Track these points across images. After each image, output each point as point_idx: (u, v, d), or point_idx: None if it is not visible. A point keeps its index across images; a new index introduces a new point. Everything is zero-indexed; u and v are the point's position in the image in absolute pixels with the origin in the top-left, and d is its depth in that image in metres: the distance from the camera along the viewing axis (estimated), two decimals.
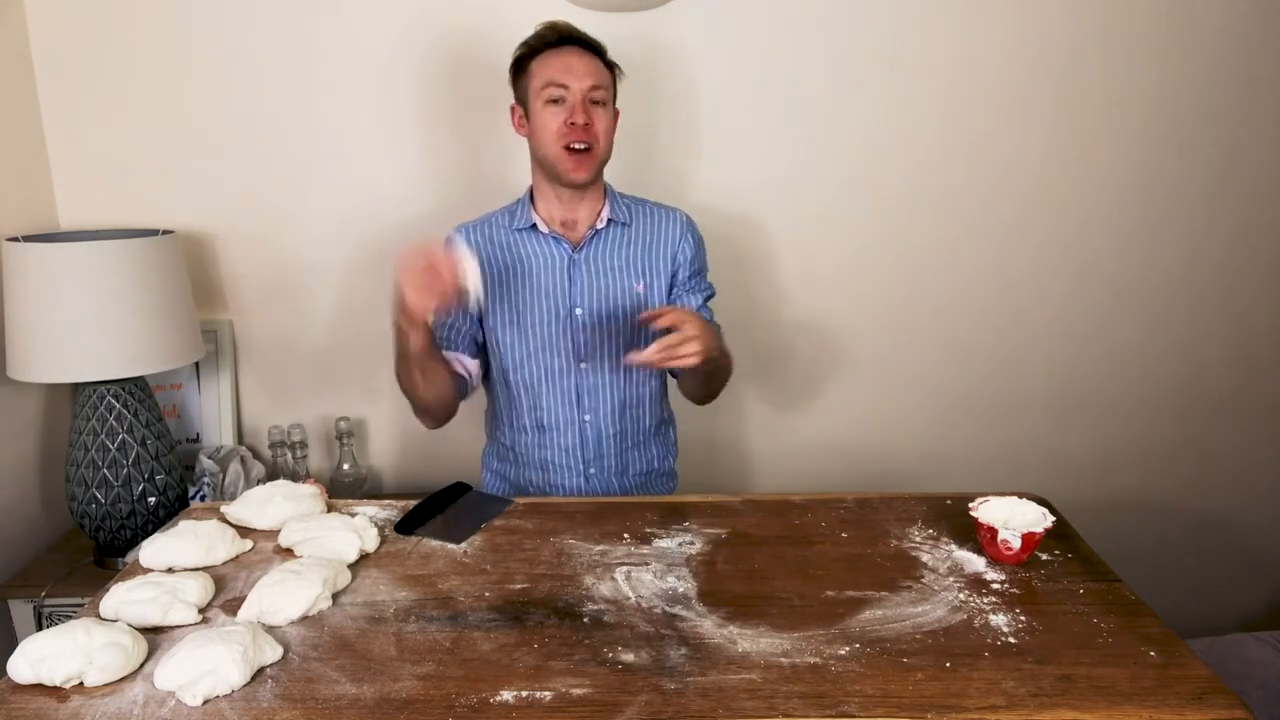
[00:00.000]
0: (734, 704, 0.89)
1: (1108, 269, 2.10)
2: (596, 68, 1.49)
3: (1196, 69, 1.98)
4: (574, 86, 1.46)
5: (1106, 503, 2.23)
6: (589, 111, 1.47)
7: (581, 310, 1.57)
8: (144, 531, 1.75)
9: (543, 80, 1.47)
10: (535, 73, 1.49)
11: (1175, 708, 0.89)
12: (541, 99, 1.47)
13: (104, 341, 1.64)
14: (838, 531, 1.28)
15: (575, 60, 1.47)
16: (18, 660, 0.92)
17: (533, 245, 1.58)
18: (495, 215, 1.63)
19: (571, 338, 1.57)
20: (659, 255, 1.61)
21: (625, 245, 1.59)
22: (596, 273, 1.57)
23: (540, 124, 1.49)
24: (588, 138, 1.47)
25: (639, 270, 1.59)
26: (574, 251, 1.57)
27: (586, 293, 1.57)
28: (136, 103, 1.91)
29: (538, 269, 1.57)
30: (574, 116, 1.46)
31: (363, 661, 0.96)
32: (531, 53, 1.50)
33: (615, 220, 1.59)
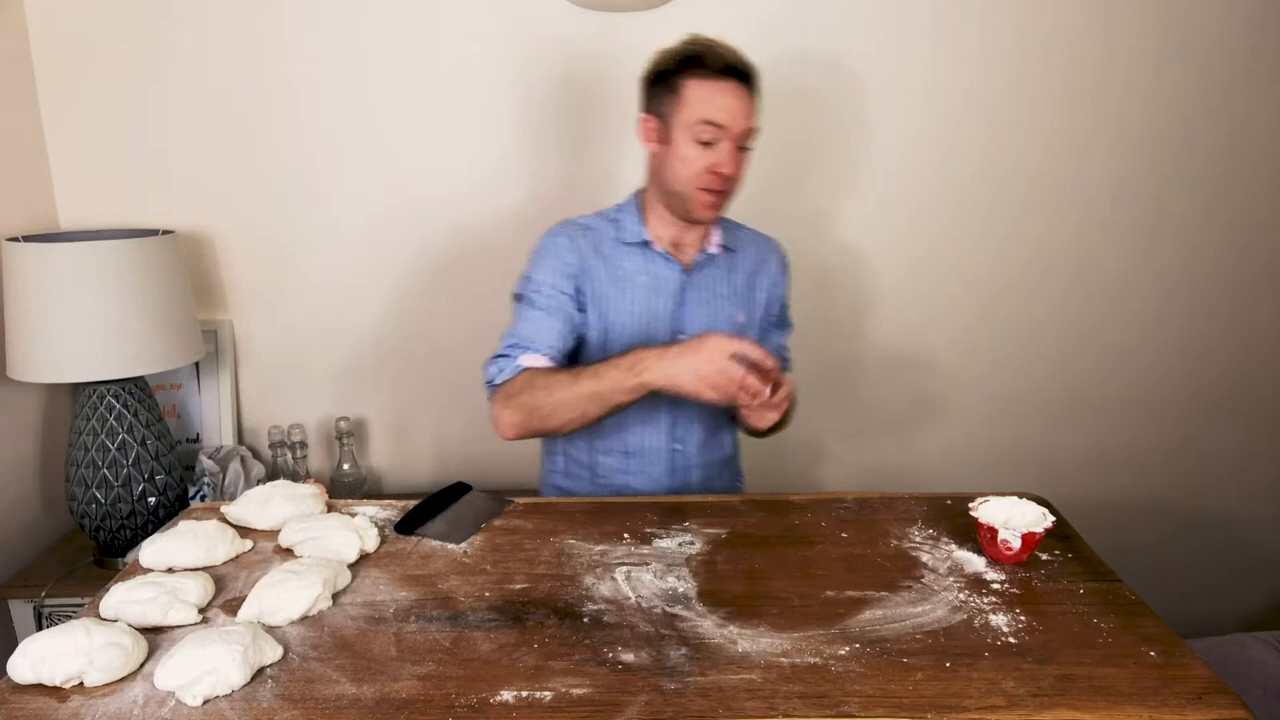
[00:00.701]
0: (734, 704, 0.89)
1: (1107, 268, 2.10)
2: (755, 106, 1.39)
3: (1196, 68, 1.98)
4: (731, 129, 1.36)
5: (1106, 503, 2.23)
6: (737, 159, 1.39)
7: (685, 337, 1.45)
8: (144, 531, 1.75)
9: (698, 115, 1.36)
10: (689, 100, 1.36)
11: (1175, 708, 0.88)
12: (691, 133, 1.37)
13: (104, 341, 1.64)
14: (838, 531, 1.27)
15: (738, 102, 1.36)
16: (18, 660, 0.92)
17: (640, 262, 1.48)
18: (595, 222, 1.51)
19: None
20: (758, 286, 1.56)
21: (730, 272, 1.53)
22: (705, 299, 1.50)
23: (681, 157, 1.38)
24: (727, 186, 1.40)
25: (742, 300, 1.53)
26: (685, 274, 1.49)
27: (693, 318, 1.49)
28: (136, 103, 1.91)
29: (645, 288, 1.48)
30: (723, 165, 1.37)
31: (363, 661, 0.96)
32: (685, 71, 1.37)
33: (727, 246, 1.52)
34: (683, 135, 1.38)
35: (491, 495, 1.38)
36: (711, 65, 1.36)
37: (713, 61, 1.36)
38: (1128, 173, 2.04)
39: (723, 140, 1.37)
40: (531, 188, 2.01)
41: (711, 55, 1.36)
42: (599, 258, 1.48)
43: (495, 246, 2.03)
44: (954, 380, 2.17)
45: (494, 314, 2.07)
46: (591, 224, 1.51)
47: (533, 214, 2.02)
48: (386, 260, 2.04)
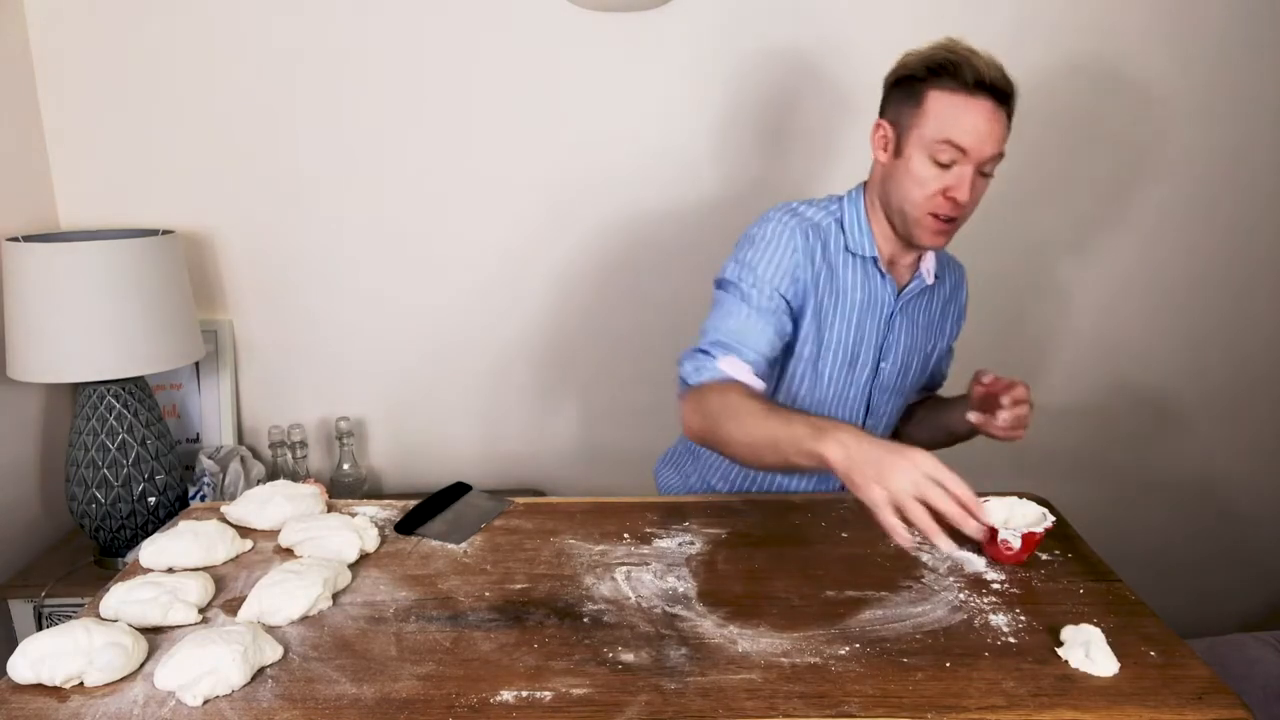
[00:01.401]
0: (734, 704, 0.89)
1: (1107, 267, 2.10)
2: (1003, 133, 1.23)
3: (1196, 68, 1.98)
4: (974, 153, 1.21)
5: (1106, 503, 2.23)
6: (975, 185, 1.25)
7: (886, 365, 1.39)
8: (144, 531, 1.75)
9: (940, 133, 1.22)
10: (932, 113, 1.22)
11: (1175, 708, 0.88)
12: (929, 151, 1.23)
13: (104, 341, 1.64)
14: (838, 531, 1.27)
15: (987, 124, 1.20)
16: (18, 660, 0.92)
17: (860, 277, 1.34)
18: (822, 219, 1.35)
19: (869, 391, 1.41)
20: (949, 315, 1.47)
21: (930, 301, 1.43)
22: (909, 328, 1.40)
23: (913, 176, 1.25)
24: (959, 213, 1.26)
25: (937, 330, 1.45)
26: (897, 298, 1.37)
27: (896, 347, 1.40)
28: (136, 103, 1.91)
29: (860, 306, 1.35)
30: (959, 191, 1.23)
31: (363, 661, 0.96)
32: (931, 80, 1.23)
33: (939, 276, 1.42)
34: (918, 152, 1.24)
35: (491, 495, 1.38)
36: (963, 78, 1.20)
37: (966, 74, 1.20)
38: (1127, 170, 2.04)
39: (963, 164, 1.22)
40: (531, 187, 2.01)
41: (966, 67, 1.20)
42: (825, 262, 1.33)
43: (496, 246, 2.03)
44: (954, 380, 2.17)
45: (495, 312, 2.08)
46: (819, 221, 1.35)
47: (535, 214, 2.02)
48: (386, 259, 2.04)
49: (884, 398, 1.45)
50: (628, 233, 2.03)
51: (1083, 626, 0.99)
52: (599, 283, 2.06)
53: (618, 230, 2.03)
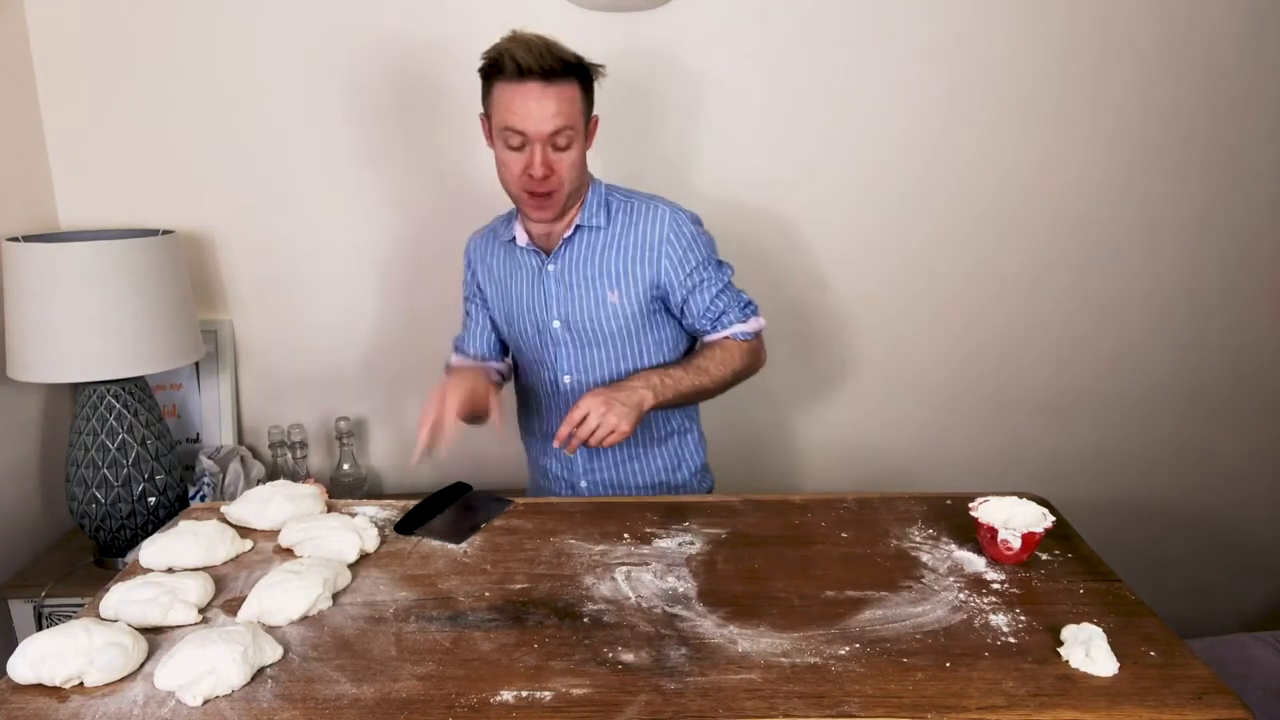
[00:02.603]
0: (734, 704, 0.89)
1: (1106, 268, 2.10)
2: (560, 105, 1.34)
3: (1196, 68, 1.98)
4: (533, 134, 1.34)
5: (1106, 503, 2.23)
6: (549, 159, 1.36)
7: (559, 323, 1.52)
8: (144, 531, 1.75)
9: (502, 122, 1.35)
10: (496, 104, 1.36)
11: (1175, 708, 0.89)
12: (502, 138, 1.37)
13: (104, 341, 1.64)
14: (838, 531, 1.27)
15: (536, 104, 1.32)
16: (18, 660, 0.92)
17: (515, 259, 1.55)
18: (496, 224, 1.62)
19: (552, 352, 1.54)
20: (635, 260, 1.48)
21: (599, 251, 1.49)
22: (570, 284, 1.50)
23: (500, 161, 1.40)
24: (549, 186, 1.39)
25: (612, 278, 1.48)
26: (544, 263, 1.51)
27: (561, 305, 1.51)
28: (137, 103, 1.91)
29: (520, 282, 1.55)
30: (531, 168, 1.36)
31: (363, 661, 0.96)
32: (493, 75, 1.36)
33: (585, 225, 1.48)
34: (498, 140, 1.39)
35: (492, 495, 1.38)
36: (507, 70, 1.33)
37: (507, 65, 1.32)
38: (1128, 173, 2.04)
39: (530, 144, 1.35)
40: None
41: (507, 58, 1.32)
42: (492, 258, 1.59)
43: None
44: (954, 380, 2.17)
45: None
46: (494, 226, 1.61)
47: None
48: (386, 259, 2.04)
49: (576, 352, 1.53)
50: None
51: (1083, 625, 0.99)
52: None
53: None
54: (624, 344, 1.53)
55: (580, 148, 1.41)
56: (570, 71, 1.35)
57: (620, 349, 1.53)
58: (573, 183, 1.42)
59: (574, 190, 1.44)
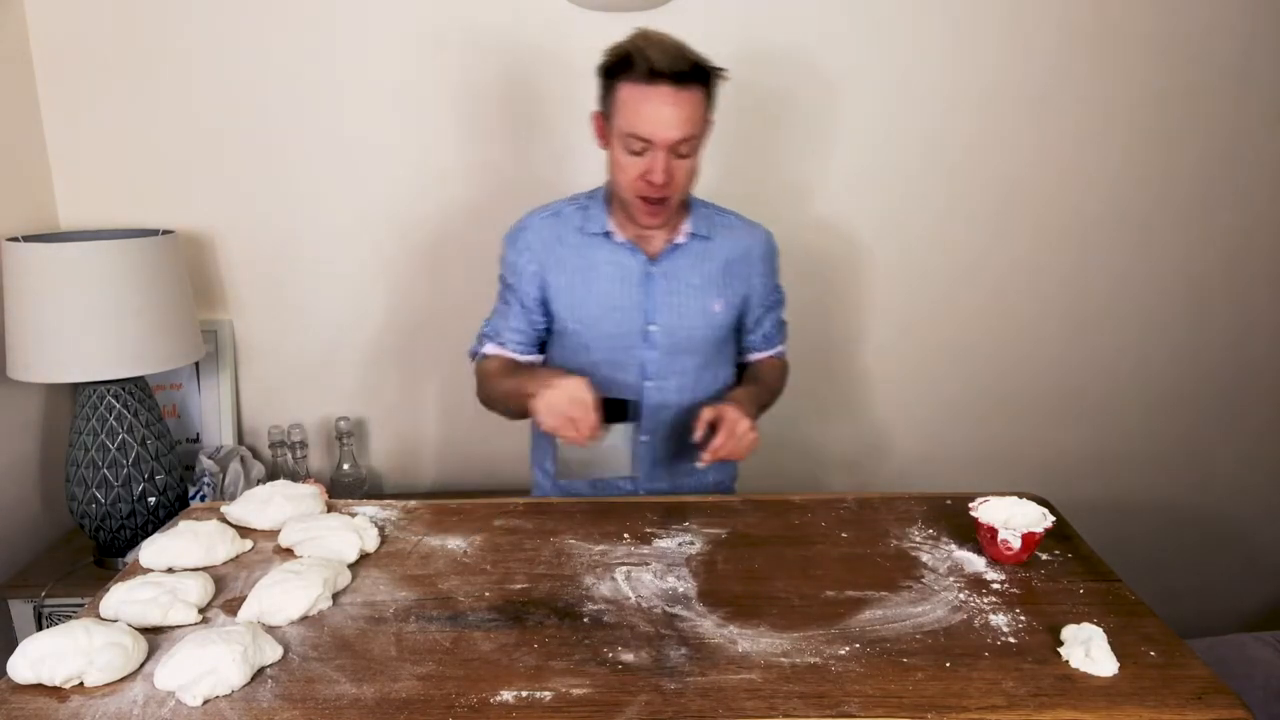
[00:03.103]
0: (734, 704, 0.89)
1: (1105, 267, 2.10)
2: (689, 113, 1.30)
3: (1195, 68, 1.98)
4: (659, 141, 1.30)
5: (1106, 503, 2.23)
6: (670, 168, 1.32)
7: (656, 327, 1.47)
8: (144, 531, 1.75)
9: (626, 125, 1.31)
10: (620, 105, 1.32)
11: (1175, 708, 0.89)
12: (622, 141, 1.33)
13: (104, 341, 1.64)
14: (838, 531, 1.28)
15: (667, 109, 1.28)
16: (18, 660, 0.92)
17: (605, 253, 1.46)
18: (565, 210, 1.50)
19: (640, 355, 1.48)
20: (738, 275, 1.51)
21: (705, 261, 1.48)
22: (674, 289, 1.46)
23: (617, 163, 1.37)
24: (666, 193, 1.35)
25: (718, 289, 1.49)
26: (651, 264, 1.46)
27: (664, 309, 1.46)
28: (137, 102, 1.91)
29: (609, 279, 1.46)
30: (652, 174, 1.32)
31: (363, 661, 0.96)
32: (619, 74, 1.31)
33: (696, 234, 1.47)
34: (616, 141, 1.35)
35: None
36: (640, 70, 1.28)
37: (639, 65, 1.28)
38: (1125, 171, 2.04)
39: (652, 150, 1.31)
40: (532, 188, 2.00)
41: (639, 58, 1.28)
42: (564, 247, 1.47)
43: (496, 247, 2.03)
44: (953, 380, 2.17)
45: None
46: (560, 210, 1.50)
47: None
48: (387, 260, 2.04)
49: (664, 359, 1.49)
50: None
51: (1083, 625, 0.99)
52: None
53: None
54: (712, 354, 1.53)
55: (698, 157, 1.38)
56: (699, 76, 1.31)
57: (706, 358, 1.52)
58: (686, 190, 1.40)
59: (684, 198, 1.42)
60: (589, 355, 1.49)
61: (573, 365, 1.49)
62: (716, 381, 1.56)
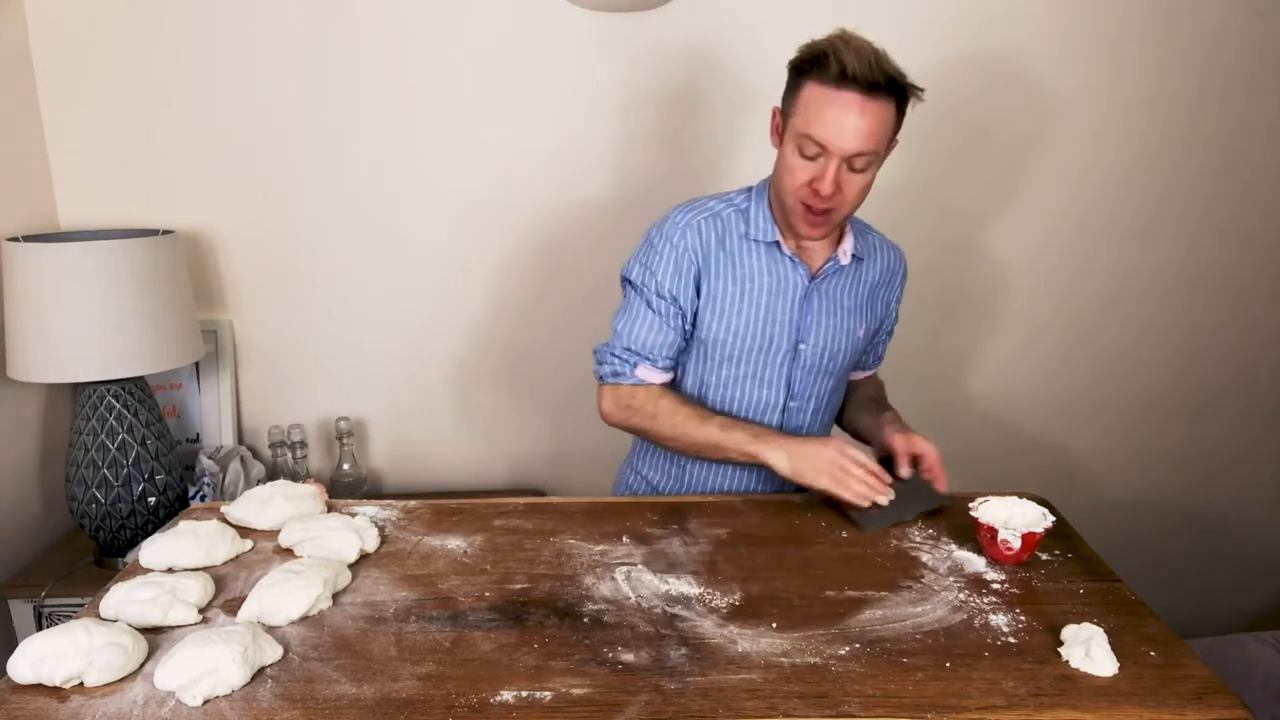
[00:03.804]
0: (734, 704, 0.89)
1: (1106, 268, 2.11)
2: (872, 126, 1.21)
3: (1195, 67, 1.98)
4: (834, 150, 1.22)
5: (1106, 503, 2.23)
6: (841, 180, 1.25)
7: (806, 346, 1.40)
8: (144, 531, 1.75)
9: (805, 126, 1.23)
10: (802, 105, 1.24)
11: (1175, 708, 0.89)
12: (796, 143, 1.25)
13: (104, 341, 1.64)
14: (838, 531, 1.28)
15: (850, 118, 1.20)
16: (18, 660, 0.92)
17: (766, 262, 1.37)
18: (723, 210, 1.39)
19: (785, 372, 1.42)
20: (879, 299, 1.48)
21: (856, 283, 1.43)
22: (830, 309, 1.40)
23: (786, 164, 1.28)
24: (830, 204, 1.27)
25: (864, 313, 1.45)
26: (812, 281, 1.39)
27: (818, 328, 1.40)
28: (137, 102, 1.91)
29: (769, 291, 1.37)
30: (820, 183, 1.24)
31: (363, 661, 0.96)
32: (808, 71, 1.24)
33: (858, 256, 1.42)
34: (790, 141, 1.27)
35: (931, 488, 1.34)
36: (830, 71, 1.20)
37: (832, 67, 1.20)
38: (1127, 171, 2.04)
39: (826, 158, 1.24)
40: (533, 189, 2.01)
41: (833, 60, 1.20)
42: (723, 251, 1.37)
43: (496, 246, 2.03)
44: (953, 381, 2.17)
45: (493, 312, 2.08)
46: (719, 211, 1.39)
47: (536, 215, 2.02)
48: (387, 260, 2.04)
49: (808, 378, 1.43)
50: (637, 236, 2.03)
51: (1084, 625, 0.99)
52: (601, 286, 2.06)
53: (623, 234, 2.02)
54: (844, 377, 1.51)
55: (873, 175, 1.29)
56: (892, 89, 1.22)
57: (839, 380, 1.49)
58: (852, 209, 1.32)
59: (850, 215, 1.35)
60: (733, 368, 1.41)
61: (713, 378, 1.42)
62: (836, 404, 1.55)
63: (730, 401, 1.43)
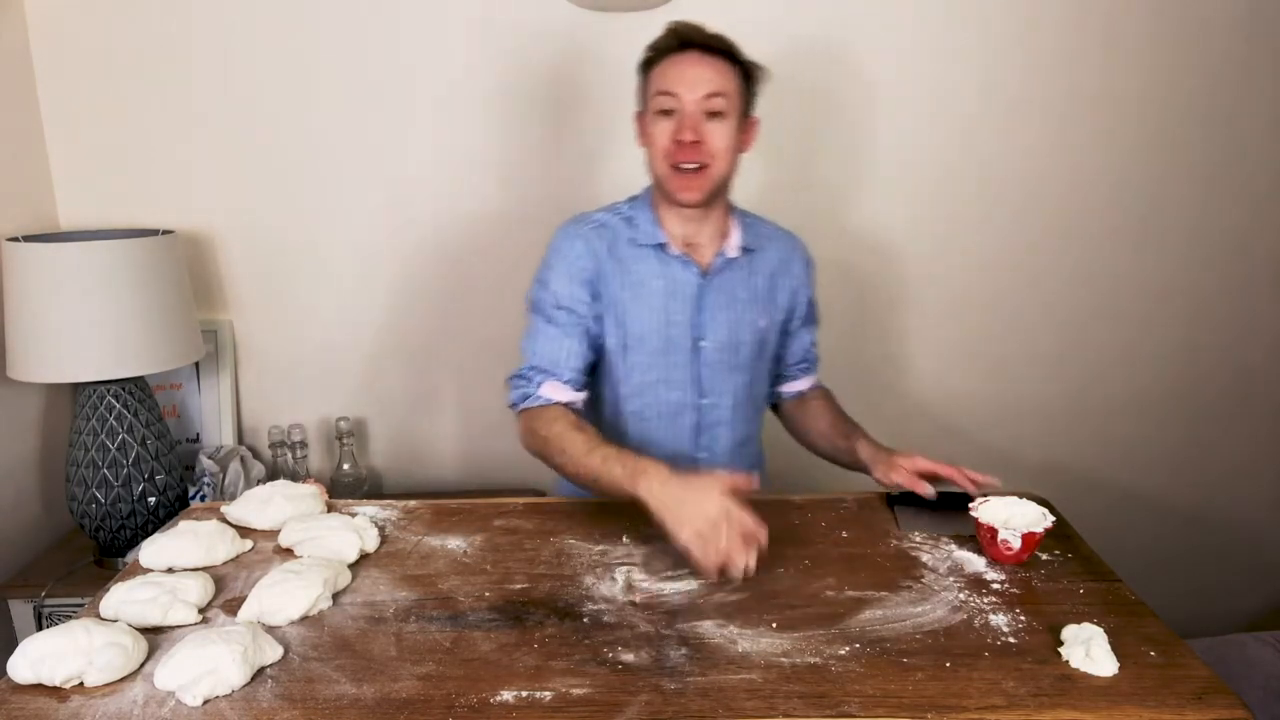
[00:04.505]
0: (734, 704, 0.89)
1: (1105, 268, 2.10)
2: (717, 74, 1.31)
3: (1194, 66, 1.98)
4: (685, 96, 1.30)
5: (1106, 503, 2.23)
6: (700, 127, 1.31)
7: (708, 343, 1.43)
8: (144, 531, 1.75)
9: (655, 88, 1.33)
10: (653, 79, 1.35)
11: (1175, 708, 0.89)
12: (653, 110, 1.34)
13: (104, 341, 1.64)
14: (838, 531, 1.28)
15: (691, 67, 1.31)
16: (18, 660, 0.92)
17: (656, 265, 1.41)
18: (609, 219, 1.44)
19: (692, 372, 1.44)
20: (781, 288, 1.49)
21: (750, 275, 1.46)
22: (726, 303, 1.43)
23: (650, 139, 1.36)
24: (698, 156, 1.32)
25: (763, 304, 1.47)
26: (703, 277, 1.42)
27: (716, 324, 1.43)
28: (136, 102, 1.91)
29: (662, 293, 1.41)
30: (681, 133, 1.31)
31: (363, 661, 0.96)
32: (655, 59, 1.36)
33: (747, 248, 1.45)
34: (650, 116, 1.36)
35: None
36: (669, 45, 1.34)
37: (670, 40, 1.33)
38: (1125, 172, 2.04)
39: (680, 108, 1.31)
40: (531, 188, 2.01)
41: (670, 36, 1.34)
42: (613, 260, 1.41)
43: (496, 247, 2.03)
44: (953, 382, 2.17)
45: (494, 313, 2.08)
46: (606, 221, 1.43)
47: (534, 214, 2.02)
48: (387, 260, 2.04)
49: (716, 375, 1.45)
50: None
51: (1084, 625, 0.99)
52: None
53: None
54: (760, 371, 1.51)
55: (733, 130, 1.34)
56: (731, 56, 1.34)
57: (754, 375, 1.50)
58: (722, 165, 1.35)
59: (724, 175, 1.37)
60: (642, 374, 1.43)
61: (624, 389, 1.44)
62: (760, 400, 1.55)
63: (646, 408, 1.45)
